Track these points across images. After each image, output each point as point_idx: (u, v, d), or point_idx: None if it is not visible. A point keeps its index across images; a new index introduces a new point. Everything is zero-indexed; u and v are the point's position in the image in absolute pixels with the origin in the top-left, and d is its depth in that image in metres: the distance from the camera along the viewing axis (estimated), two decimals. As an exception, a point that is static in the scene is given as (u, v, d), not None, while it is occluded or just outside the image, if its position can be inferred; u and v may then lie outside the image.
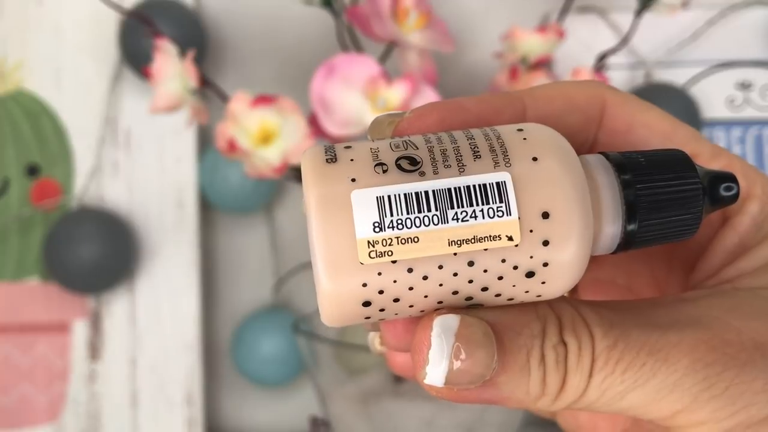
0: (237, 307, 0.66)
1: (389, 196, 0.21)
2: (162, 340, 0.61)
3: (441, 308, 0.23)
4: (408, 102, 0.50)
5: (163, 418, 0.61)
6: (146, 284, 0.62)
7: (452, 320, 0.22)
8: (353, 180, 0.22)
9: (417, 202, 0.21)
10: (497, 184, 0.21)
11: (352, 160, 0.22)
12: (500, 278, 0.22)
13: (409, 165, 0.22)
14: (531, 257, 0.22)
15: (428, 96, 0.51)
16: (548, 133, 0.23)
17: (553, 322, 0.23)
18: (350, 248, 0.21)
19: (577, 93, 0.27)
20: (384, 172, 0.22)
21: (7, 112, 0.62)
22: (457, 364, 0.22)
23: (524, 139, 0.22)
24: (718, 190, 0.24)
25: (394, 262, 0.21)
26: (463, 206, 0.21)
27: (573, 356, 0.23)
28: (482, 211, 0.21)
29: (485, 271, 0.22)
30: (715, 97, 0.61)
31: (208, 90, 0.51)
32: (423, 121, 0.25)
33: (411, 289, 0.22)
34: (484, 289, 0.22)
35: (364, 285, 0.22)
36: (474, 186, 0.21)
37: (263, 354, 0.62)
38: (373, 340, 0.28)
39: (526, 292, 0.23)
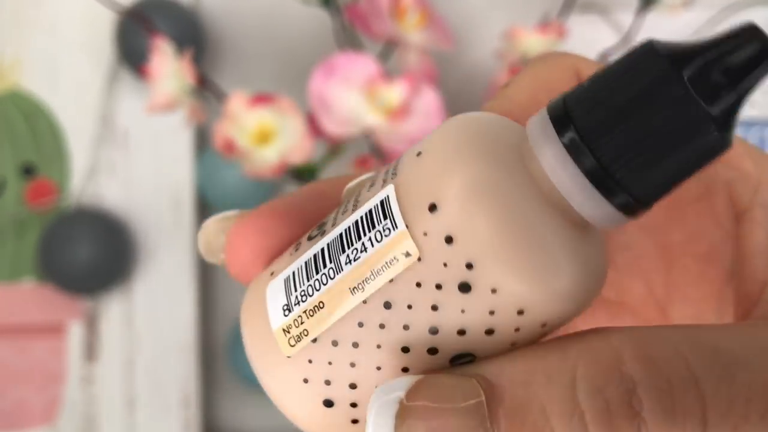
0: (234, 309, 0.65)
1: (293, 272, 0.19)
2: (159, 341, 0.61)
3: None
4: (408, 101, 0.49)
5: (160, 421, 0.61)
6: (143, 285, 0.61)
7: (396, 385, 0.16)
8: (272, 274, 0.19)
9: (315, 264, 0.18)
10: (381, 201, 0.18)
11: (282, 254, 0.20)
12: (435, 308, 0.17)
13: (317, 230, 0.19)
14: (444, 264, 0.17)
15: (428, 95, 0.50)
16: (454, 121, 0.18)
17: (592, 348, 0.16)
18: (273, 345, 0.19)
19: (547, 71, 0.23)
20: (296, 250, 0.19)
21: (2, 112, 0.62)
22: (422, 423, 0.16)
23: (423, 140, 0.18)
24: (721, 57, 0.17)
25: (314, 341, 0.18)
26: (353, 244, 0.18)
27: (656, 397, 0.15)
28: (370, 239, 0.17)
29: (410, 307, 0.17)
30: (716, 97, 0.61)
31: (206, 89, 0.51)
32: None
33: (353, 366, 0.18)
34: (434, 331, 0.17)
35: (306, 381, 0.18)
36: (361, 217, 0.18)
37: (261, 356, 0.62)
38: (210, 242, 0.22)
39: (496, 316, 0.17)
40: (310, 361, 0.18)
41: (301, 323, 0.18)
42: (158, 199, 0.62)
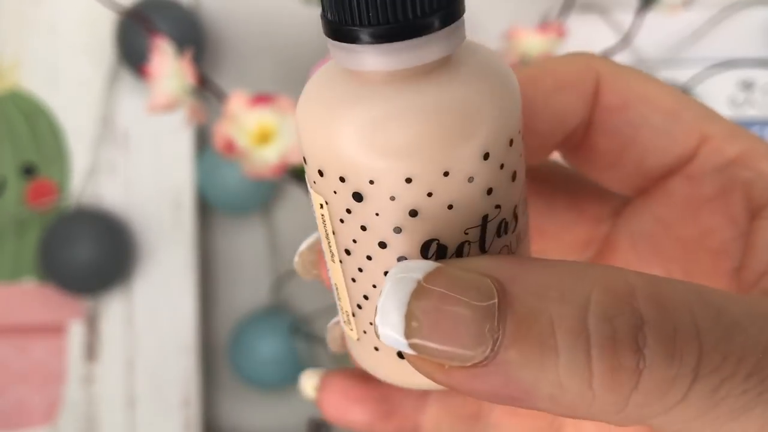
0: (235, 309, 0.65)
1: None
2: (159, 341, 0.61)
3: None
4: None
5: (161, 420, 0.61)
6: (143, 285, 0.61)
7: (416, 266, 0.17)
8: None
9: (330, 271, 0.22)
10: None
11: None
12: (363, 228, 0.18)
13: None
14: (335, 192, 0.18)
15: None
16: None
17: (608, 276, 0.17)
18: (352, 342, 0.23)
19: (565, 69, 0.23)
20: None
21: (3, 112, 0.62)
22: (424, 322, 0.16)
23: None
24: None
25: (354, 315, 0.21)
26: (325, 239, 0.21)
27: (660, 338, 0.16)
28: (318, 218, 0.21)
29: (355, 241, 0.19)
30: (716, 97, 0.61)
31: (206, 89, 0.51)
32: None
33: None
34: (383, 245, 0.18)
35: (376, 348, 0.21)
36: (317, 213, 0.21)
37: (261, 356, 0.62)
38: (306, 383, 0.26)
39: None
40: (365, 332, 0.21)
41: (342, 311, 0.21)
42: (158, 199, 0.62)
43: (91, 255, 0.58)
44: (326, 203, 0.19)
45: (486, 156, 0.18)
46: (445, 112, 0.17)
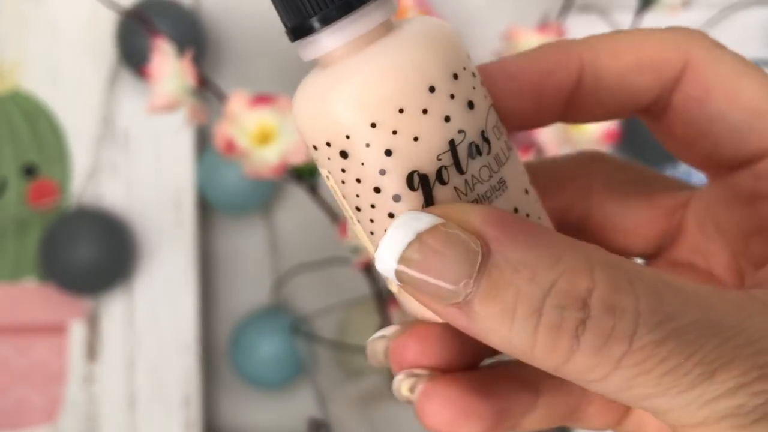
0: (235, 308, 0.65)
1: None
2: (160, 341, 0.61)
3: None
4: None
5: (161, 420, 0.61)
6: (144, 285, 0.62)
7: (419, 220, 0.20)
8: None
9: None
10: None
11: None
12: (359, 180, 0.21)
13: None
14: (329, 158, 0.22)
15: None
16: None
17: (578, 268, 0.19)
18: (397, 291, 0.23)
19: (652, 48, 0.23)
20: None
21: (4, 112, 0.62)
22: (414, 257, 0.19)
23: None
24: None
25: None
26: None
27: (595, 335, 0.19)
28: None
29: (357, 196, 0.22)
30: (715, 97, 0.61)
31: (207, 90, 0.51)
32: None
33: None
34: (377, 189, 0.21)
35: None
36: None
37: (262, 355, 0.62)
38: (400, 384, 0.25)
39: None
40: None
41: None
42: (159, 199, 0.62)
43: (92, 255, 0.58)
44: (329, 173, 0.22)
45: (432, 89, 0.21)
46: (390, 64, 0.21)
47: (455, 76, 0.21)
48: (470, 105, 0.21)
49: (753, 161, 0.24)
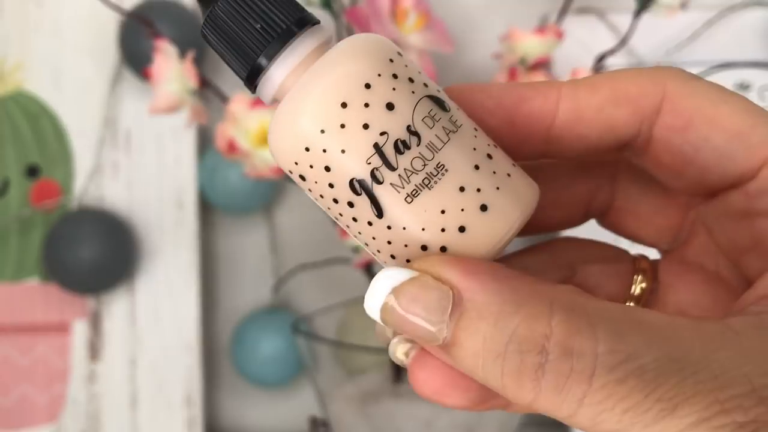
0: (236, 308, 0.66)
1: None
2: (162, 340, 0.62)
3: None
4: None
5: (163, 419, 0.61)
6: (146, 285, 0.62)
7: (397, 274, 0.22)
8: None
9: None
10: None
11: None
12: (331, 185, 0.23)
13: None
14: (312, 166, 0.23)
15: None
16: None
17: (537, 314, 0.21)
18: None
19: (629, 81, 0.24)
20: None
21: (7, 113, 0.62)
22: (394, 305, 0.22)
23: None
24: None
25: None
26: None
27: (554, 376, 0.20)
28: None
29: (321, 196, 0.24)
30: (713, 98, 0.61)
31: (208, 91, 0.51)
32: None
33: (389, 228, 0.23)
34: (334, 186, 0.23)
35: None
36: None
37: (263, 354, 0.62)
38: (395, 347, 0.26)
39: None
40: (392, 256, 0.24)
41: (380, 259, 0.25)
42: (161, 200, 0.62)
43: (94, 255, 0.59)
44: (310, 191, 0.24)
45: (344, 105, 0.22)
46: (306, 93, 0.23)
47: (367, 86, 0.23)
48: (389, 106, 0.23)
49: (743, 181, 0.24)
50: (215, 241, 0.66)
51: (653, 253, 0.29)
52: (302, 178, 0.24)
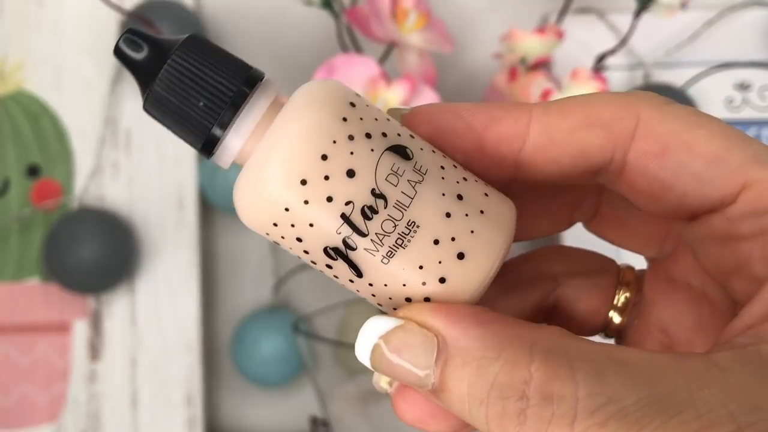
0: (237, 307, 0.66)
1: None
2: (162, 340, 0.62)
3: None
4: (408, 102, 0.50)
5: (163, 419, 0.61)
6: (146, 284, 0.62)
7: (383, 323, 0.23)
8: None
9: None
10: None
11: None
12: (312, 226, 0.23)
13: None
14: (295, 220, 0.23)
15: (428, 96, 0.51)
16: None
17: (518, 360, 0.21)
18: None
19: (601, 106, 0.24)
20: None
21: (7, 113, 0.62)
22: (381, 352, 0.23)
23: None
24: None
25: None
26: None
27: (536, 422, 0.21)
28: None
29: (299, 240, 0.23)
30: (713, 98, 0.61)
31: (208, 91, 0.51)
32: (414, 119, 0.25)
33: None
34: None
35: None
36: None
37: (263, 354, 0.62)
38: (379, 377, 0.27)
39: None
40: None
41: (375, 303, 0.25)
42: (162, 199, 0.62)
43: (95, 255, 0.59)
44: (291, 249, 0.23)
45: (303, 182, 0.22)
46: (265, 171, 0.22)
47: (324, 157, 0.22)
48: (350, 174, 0.22)
49: (723, 205, 0.24)
50: (215, 241, 0.66)
51: (640, 260, 0.29)
52: (277, 243, 0.23)
